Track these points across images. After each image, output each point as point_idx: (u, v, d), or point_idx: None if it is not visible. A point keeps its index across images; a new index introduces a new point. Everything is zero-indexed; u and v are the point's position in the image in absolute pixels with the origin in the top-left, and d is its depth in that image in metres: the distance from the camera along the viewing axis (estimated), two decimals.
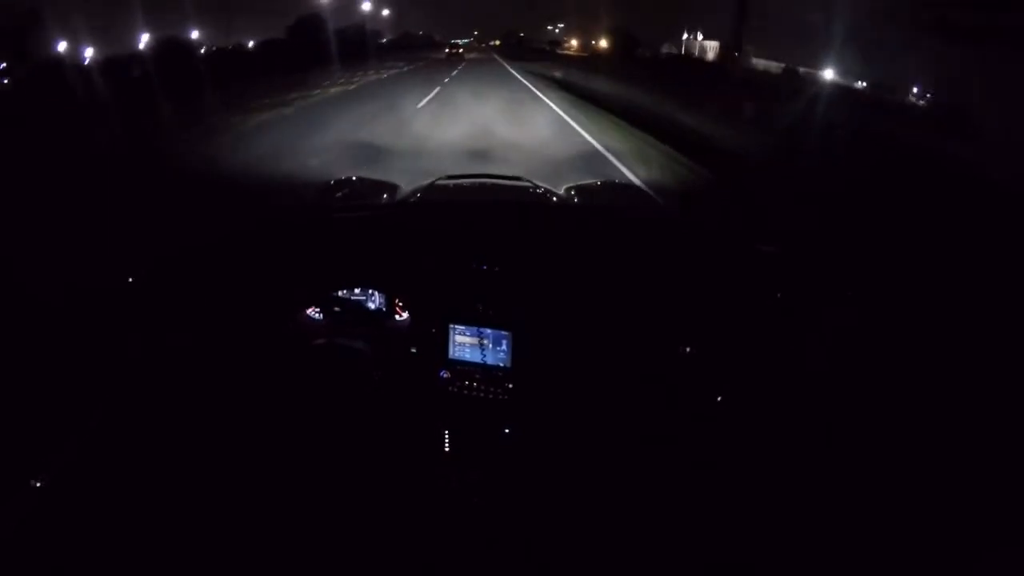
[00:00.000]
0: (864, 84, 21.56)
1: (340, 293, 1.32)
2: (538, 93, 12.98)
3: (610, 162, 6.21)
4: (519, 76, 17.92)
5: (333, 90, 13.29)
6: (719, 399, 1.13)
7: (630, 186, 3.83)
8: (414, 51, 39.79)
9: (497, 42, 62.75)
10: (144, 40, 19.21)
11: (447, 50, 35.77)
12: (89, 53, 16.35)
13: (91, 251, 2.37)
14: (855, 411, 0.93)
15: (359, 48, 23.68)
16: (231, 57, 16.32)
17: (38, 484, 0.80)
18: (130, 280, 1.14)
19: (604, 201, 1.89)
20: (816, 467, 0.94)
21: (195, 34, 22.04)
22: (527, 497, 1.14)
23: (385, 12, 45.69)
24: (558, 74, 17.14)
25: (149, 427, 0.99)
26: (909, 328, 1.20)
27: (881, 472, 0.84)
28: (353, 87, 14.22)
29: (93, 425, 0.92)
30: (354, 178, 2.23)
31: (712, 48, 37.85)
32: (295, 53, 19.35)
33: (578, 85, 13.80)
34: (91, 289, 1.11)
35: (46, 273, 2.32)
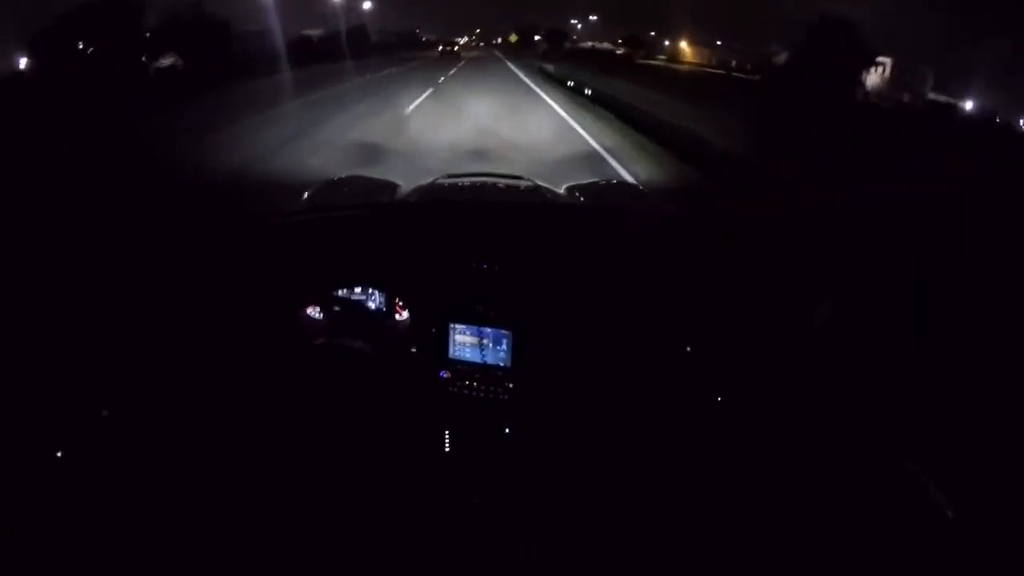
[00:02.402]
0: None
1: (340, 293, 1.31)
2: None
3: None
4: None
5: None
6: (719, 399, 1.14)
7: (630, 185, 3.84)
8: (371, 60, 21.81)
9: (512, 38, 40.69)
10: None
11: (441, 48, 30.38)
12: None
13: None
14: (852, 410, 0.94)
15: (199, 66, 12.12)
16: None
17: (37, 484, 0.80)
18: (130, 281, 1.14)
19: (604, 200, 1.89)
20: (817, 467, 0.94)
21: None
22: (527, 497, 1.14)
23: (367, 5, 35.36)
24: None
25: (148, 427, 0.99)
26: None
27: (881, 472, 0.84)
28: None
29: (92, 426, 0.91)
30: (354, 177, 2.23)
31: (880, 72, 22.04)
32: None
33: None
34: (90, 289, 1.10)
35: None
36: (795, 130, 7.81)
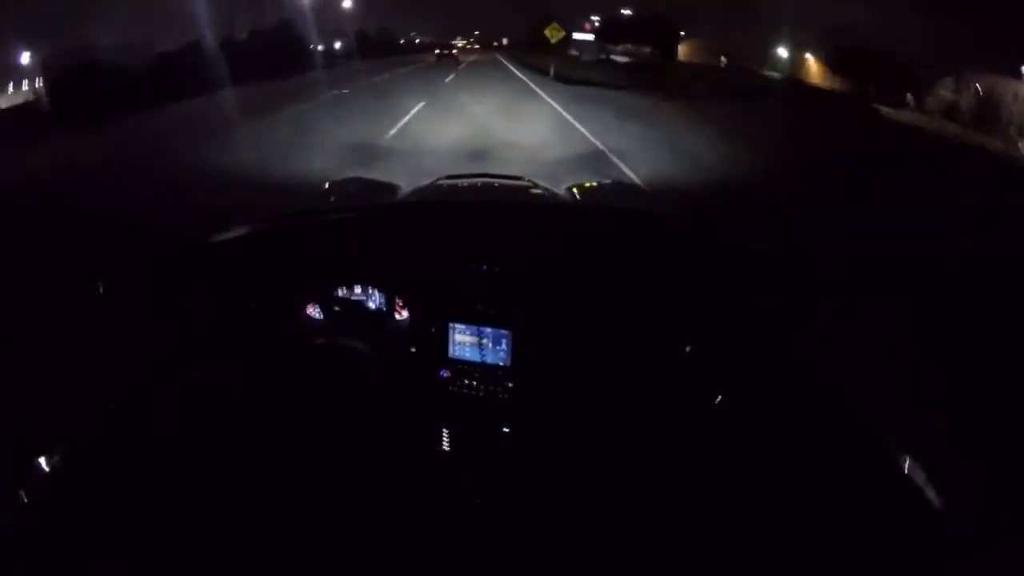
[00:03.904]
0: None
1: (340, 293, 1.32)
2: None
3: None
4: None
5: None
6: (719, 399, 1.14)
7: (631, 186, 3.84)
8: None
9: (552, 34, 17.37)
10: None
11: (438, 51, 27.36)
12: None
13: None
14: (852, 410, 0.94)
15: None
16: None
17: (38, 484, 0.80)
18: (130, 279, 1.14)
19: (605, 201, 1.90)
20: (816, 467, 0.94)
21: None
22: (527, 497, 1.14)
23: (347, 3, 30.18)
24: None
25: (147, 427, 0.99)
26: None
27: (881, 472, 0.85)
28: None
29: (91, 426, 0.91)
30: (355, 179, 2.24)
31: None
32: None
33: None
34: (90, 289, 1.10)
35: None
36: None
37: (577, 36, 24.77)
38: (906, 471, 0.80)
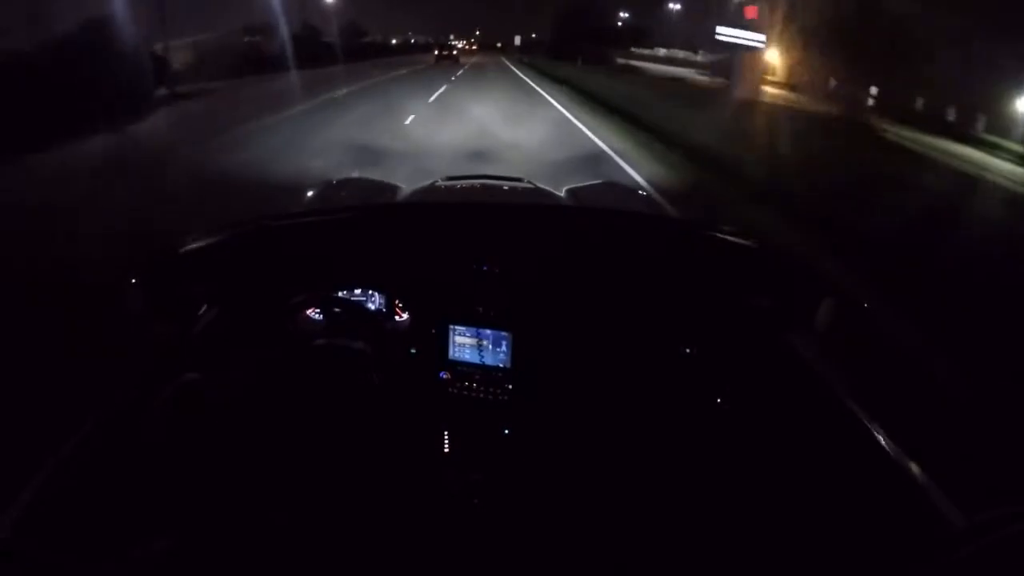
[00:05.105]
0: None
1: (340, 294, 1.31)
2: None
3: None
4: None
5: None
6: (720, 400, 1.13)
7: (631, 187, 3.84)
8: None
9: None
10: None
11: (437, 52, 27.90)
12: None
13: None
14: (852, 411, 0.93)
15: None
16: None
17: (38, 484, 0.80)
18: (129, 281, 1.13)
19: (605, 202, 1.90)
20: (817, 469, 0.94)
21: None
22: (528, 498, 1.13)
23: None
24: None
25: (146, 428, 0.99)
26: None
27: (882, 474, 0.84)
28: None
29: (90, 426, 0.91)
30: (354, 179, 2.24)
31: None
32: None
33: None
34: (89, 289, 1.10)
35: None
36: None
37: (724, 33, 11.96)
38: (906, 471, 0.80)
